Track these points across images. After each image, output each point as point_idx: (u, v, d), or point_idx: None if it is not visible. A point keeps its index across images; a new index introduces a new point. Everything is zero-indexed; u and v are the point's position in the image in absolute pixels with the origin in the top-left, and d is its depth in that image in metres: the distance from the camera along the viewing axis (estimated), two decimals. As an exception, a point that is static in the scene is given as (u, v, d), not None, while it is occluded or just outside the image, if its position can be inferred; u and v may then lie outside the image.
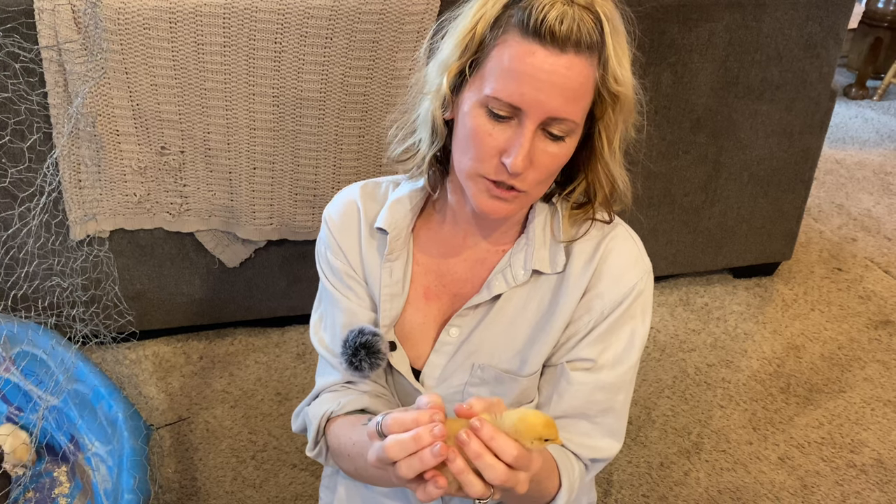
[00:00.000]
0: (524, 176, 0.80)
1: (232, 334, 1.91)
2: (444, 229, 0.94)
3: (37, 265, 1.59)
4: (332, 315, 0.97)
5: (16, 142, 1.52)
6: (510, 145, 0.78)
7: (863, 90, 3.54)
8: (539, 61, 0.75)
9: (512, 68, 0.76)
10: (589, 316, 0.89)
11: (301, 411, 1.00)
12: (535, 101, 0.76)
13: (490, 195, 0.82)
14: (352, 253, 0.95)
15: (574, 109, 0.78)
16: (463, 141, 0.82)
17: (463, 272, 0.93)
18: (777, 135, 1.92)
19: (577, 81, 0.76)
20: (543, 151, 0.79)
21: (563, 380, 0.90)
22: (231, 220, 1.69)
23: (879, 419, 1.73)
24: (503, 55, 0.77)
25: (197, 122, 1.56)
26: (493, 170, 0.80)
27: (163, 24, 1.44)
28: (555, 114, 0.77)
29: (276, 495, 1.52)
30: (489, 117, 0.79)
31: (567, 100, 0.76)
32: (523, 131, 0.77)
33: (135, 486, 1.22)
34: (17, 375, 1.50)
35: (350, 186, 0.99)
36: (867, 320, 2.05)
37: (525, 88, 0.76)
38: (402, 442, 0.65)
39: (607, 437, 0.91)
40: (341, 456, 0.91)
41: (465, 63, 0.80)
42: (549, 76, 0.75)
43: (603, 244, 0.89)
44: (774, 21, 1.75)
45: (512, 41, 0.76)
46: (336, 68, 1.53)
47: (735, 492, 1.55)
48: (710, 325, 2.02)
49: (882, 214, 2.57)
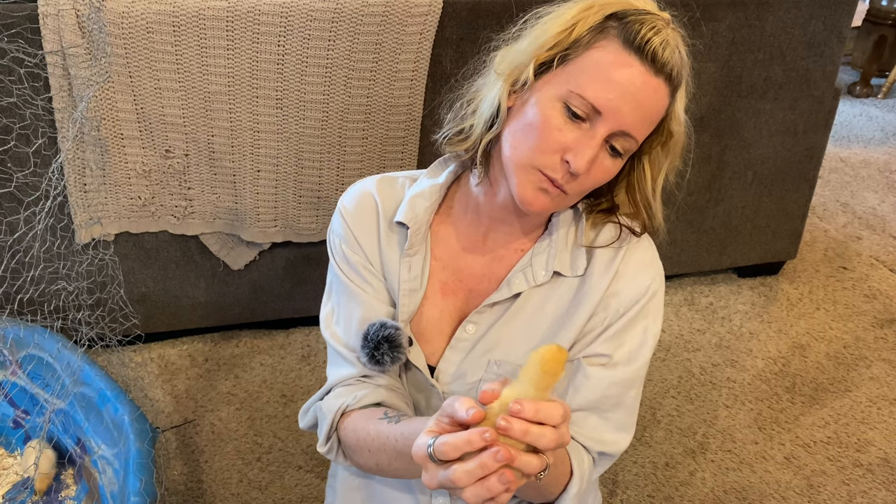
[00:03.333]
0: (576, 180, 0.82)
1: (237, 336, 1.92)
2: (464, 225, 0.94)
3: (42, 269, 1.60)
4: (348, 308, 0.96)
5: (21, 146, 1.52)
6: (577, 146, 0.80)
7: (867, 88, 3.53)
8: (633, 75, 0.79)
9: (606, 72, 0.79)
10: (605, 313, 0.90)
11: (311, 407, 0.98)
12: (617, 109, 0.79)
13: (537, 187, 0.83)
14: (369, 246, 0.95)
15: (643, 131, 0.82)
16: (525, 129, 0.83)
17: (480, 269, 0.94)
18: (781, 134, 1.92)
19: (657, 106, 0.81)
20: (601, 163, 0.82)
21: (581, 374, 0.91)
22: (235, 222, 1.69)
23: (886, 418, 1.73)
24: (600, 58, 0.79)
25: (201, 125, 1.56)
26: (551, 165, 0.81)
27: (166, 28, 1.45)
28: (628, 129, 0.80)
29: (281, 497, 1.52)
30: (564, 113, 0.80)
31: (643, 120, 0.80)
32: (595, 135, 0.80)
33: (141, 489, 1.22)
34: (24, 379, 1.51)
35: (365, 179, 0.99)
36: (873, 319, 2.05)
37: (612, 95, 0.78)
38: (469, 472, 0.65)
39: (617, 430, 0.92)
40: (359, 450, 0.90)
41: (554, 55, 0.82)
42: (637, 91, 0.79)
43: (622, 249, 0.91)
44: (777, 20, 1.75)
45: (611, 48, 0.79)
46: (339, 70, 1.53)
47: (741, 492, 1.55)
48: (715, 325, 2.01)
49: (887, 212, 2.56)
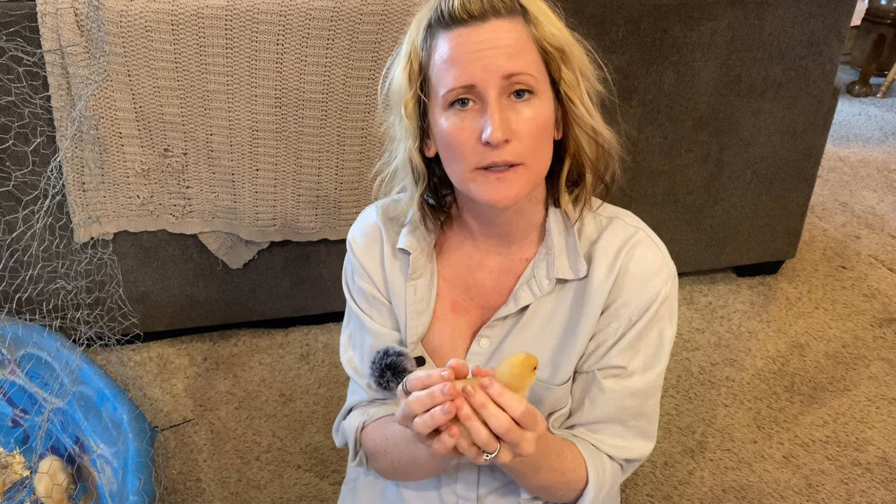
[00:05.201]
0: (512, 147, 0.80)
1: (236, 335, 1.92)
2: (465, 245, 0.95)
3: (41, 268, 1.60)
4: (360, 336, 1.00)
5: (19, 145, 1.52)
6: (483, 124, 0.79)
7: (866, 87, 3.53)
8: (467, 38, 0.79)
9: (450, 58, 0.79)
10: (617, 323, 0.89)
11: (339, 426, 1.04)
12: (481, 70, 0.78)
13: (491, 183, 0.81)
14: (375, 273, 0.97)
15: (521, 62, 0.79)
16: (447, 151, 0.84)
17: (489, 284, 0.94)
18: (780, 133, 1.92)
19: (509, 37, 0.79)
20: (518, 117, 0.80)
21: (595, 387, 0.91)
22: (234, 221, 1.69)
23: (884, 417, 1.73)
24: (440, 55, 0.80)
25: (199, 124, 1.56)
26: (481, 156, 0.80)
27: (165, 27, 1.45)
28: (505, 72, 0.78)
29: (280, 496, 1.52)
30: (455, 112, 0.81)
31: (509, 56, 0.79)
32: (488, 102, 0.79)
33: (140, 488, 1.22)
34: (23, 378, 1.51)
35: (370, 207, 1.00)
36: (872, 318, 2.05)
37: (468, 65, 0.78)
38: (419, 399, 0.72)
39: (640, 438, 0.93)
40: (378, 455, 0.94)
41: (416, 89, 0.83)
42: (481, 45, 0.78)
43: (624, 250, 0.89)
44: (776, 18, 1.75)
45: (440, 40, 0.80)
46: (338, 69, 1.53)
47: (740, 490, 1.55)
48: (714, 324, 2.01)
49: (886, 212, 2.56)
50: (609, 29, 1.66)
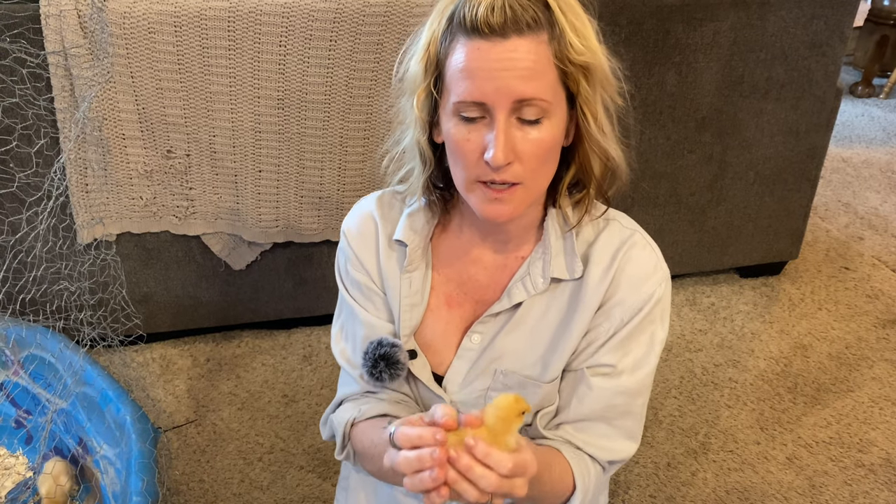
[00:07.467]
0: (513, 169, 0.80)
1: (238, 336, 1.92)
2: (462, 239, 0.95)
3: (45, 269, 1.60)
4: (353, 327, 0.99)
5: (23, 147, 1.52)
6: (488, 141, 0.79)
7: (869, 88, 3.53)
8: (485, 54, 0.77)
9: (465, 69, 0.78)
10: (609, 323, 0.90)
11: (327, 419, 1.03)
12: (494, 91, 0.77)
13: (488, 200, 0.82)
14: (370, 264, 0.97)
15: (536, 87, 0.78)
16: (451, 155, 0.84)
17: (484, 279, 0.94)
18: (783, 134, 1.92)
19: (528, 60, 0.77)
20: (524, 139, 0.80)
21: (584, 385, 0.91)
22: (237, 222, 1.70)
23: (888, 418, 1.72)
24: (456, 61, 0.79)
25: (202, 126, 1.56)
26: (481, 172, 0.81)
27: (168, 28, 1.45)
28: (518, 96, 0.78)
29: (283, 497, 1.52)
30: (463, 123, 0.80)
31: (524, 80, 0.77)
32: (496, 123, 0.78)
33: (143, 489, 1.22)
34: (26, 379, 1.51)
35: (367, 198, 1.00)
36: (875, 319, 2.04)
37: (481, 82, 0.78)
38: (408, 460, 0.71)
39: (625, 439, 0.93)
40: (365, 457, 0.94)
41: (429, 83, 0.83)
42: (498, 63, 0.77)
43: (621, 252, 0.90)
44: (779, 20, 1.75)
45: (459, 45, 0.79)
46: (340, 70, 1.53)
47: (743, 492, 1.55)
48: (717, 325, 2.01)
49: (889, 212, 2.56)
50: (612, 30, 1.66)
